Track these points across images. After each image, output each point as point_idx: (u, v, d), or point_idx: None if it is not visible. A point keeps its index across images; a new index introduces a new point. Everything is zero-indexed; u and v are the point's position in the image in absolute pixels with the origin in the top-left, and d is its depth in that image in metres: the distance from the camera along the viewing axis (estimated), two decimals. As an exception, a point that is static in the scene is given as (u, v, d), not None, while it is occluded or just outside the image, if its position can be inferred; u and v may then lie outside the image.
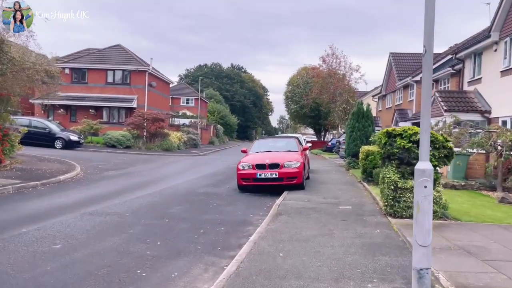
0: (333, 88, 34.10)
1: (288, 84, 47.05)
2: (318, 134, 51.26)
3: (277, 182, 11.86)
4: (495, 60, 16.76)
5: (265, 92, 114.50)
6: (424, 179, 4.08)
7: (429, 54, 4.10)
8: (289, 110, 47.51)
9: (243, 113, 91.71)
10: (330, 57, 35.05)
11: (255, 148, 13.95)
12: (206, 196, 11.21)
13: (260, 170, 11.88)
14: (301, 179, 12.03)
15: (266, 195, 11.88)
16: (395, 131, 8.27)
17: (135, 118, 30.40)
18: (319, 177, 15.98)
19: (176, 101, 64.44)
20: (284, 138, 15.90)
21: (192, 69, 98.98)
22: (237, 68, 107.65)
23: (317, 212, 8.89)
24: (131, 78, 34.79)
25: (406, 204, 7.98)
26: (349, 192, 11.95)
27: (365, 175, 13.87)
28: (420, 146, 4.24)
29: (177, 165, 21.20)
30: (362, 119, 19.10)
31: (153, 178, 15.12)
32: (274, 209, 9.16)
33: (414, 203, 4.20)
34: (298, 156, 12.67)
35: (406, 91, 31.69)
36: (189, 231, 7.32)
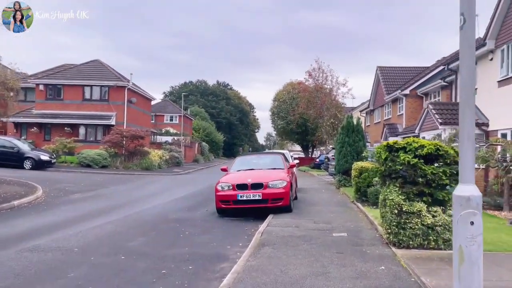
0: (320, 103, 33.07)
1: (274, 100, 45.94)
2: (305, 150, 50.05)
3: (260, 204, 10.44)
4: (491, 70, 15.82)
5: (251, 109, 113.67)
6: (470, 212, 2.74)
7: (470, 27, 2.81)
8: (275, 126, 46.32)
9: (229, 130, 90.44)
10: (317, 72, 34.16)
11: (237, 165, 12.54)
12: (178, 223, 9.70)
13: (242, 191, 10.46)
14: (288, 201, 10.63)
15: (248, 219, 10.43)
16: (397, 144, 6.97)
17: (113, 136, 28.76)
18: (308, 197, 14.59)
19: (159, 119, 62.90)
20: (268, 155, 14.52)
21: (177, 86, 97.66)
22: (223, 85, 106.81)
23: (307, 241, 7.47)
24: (109, 94, 33.27)
25: (413, 232, 6.63)
26: (342, 215, 10.58)
27: (358, 194, 12.54)
28: (460, 160, 2.92)
29: (154, 185, 19.61)
30: (352, 133, 17.90)
31: (122, 201, 13.54)
32: (257, 239, 7.71)
33: (454, 248, 2.85)
34: (284, 174, 11.30)
35: (395, 105, 30.82)
36: (147, 272, 5.82)
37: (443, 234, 6.60)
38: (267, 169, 11.98)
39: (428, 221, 6.59)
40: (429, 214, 6.65)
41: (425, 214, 6.62)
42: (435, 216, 6.65)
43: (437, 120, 16.59)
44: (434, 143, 6.74)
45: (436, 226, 6.61)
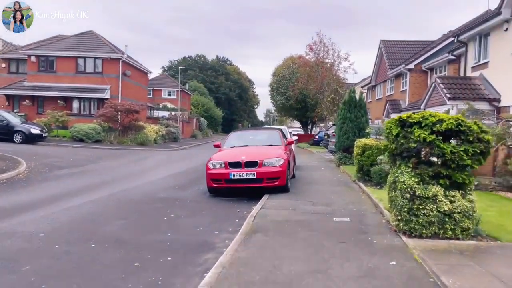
0: (320, 78, 31.87)
1: (274, 75, 44.59)
2: (304, 127, 49.05)
3: (255, 184, 9.59)
4: (505, 41, 14.69)
5: (251, 85, 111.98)
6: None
7: None
8: (274, 102, 45.13)
9: (228, 106, 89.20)
10: (318, 45, 32.77)
11: (230, 142, 11.62)
12: (165, 203, 8.86)
13: (235, 169, 9.58)
14: (284, 180, 9.77)
15: (241, 200, 9.61)
16: (411, 118, 6.03)
17: (106, 110, 27.73)
18: (307, 175, 13.76)
19: (157, 93, 61.62)
20: (265, 130, 13.56)
21: (175, 61, 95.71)
22: (222, 60, 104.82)
23: (305, 227, 6.64)
24: (103, 67, 31.99)
25: (428, 219, 5.78)
26: (344, 195, 9.74)
27: (361, 173, 11.68)
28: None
29: (147, 161, 18.76)
30: (354, 108, 16.92)
31: (110, 178, 12.69)
32: (248, 223, 6.88)
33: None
34: (281, 151, 10.40)
35: (398, 81, 29.67)
36: (117, 265, 4.99)
37: (461, 222, 5.75)
38: (263, 145, 11.08)
39: (445, 208, 5.73)
40: (446, 200, 5.78)
41: (441, 199, 5.76)
42: (453, 202, 5.78)
43: (445, 95, 15.56)
44: (455, 117, 5.80)
45: (454, 213, 5.75)
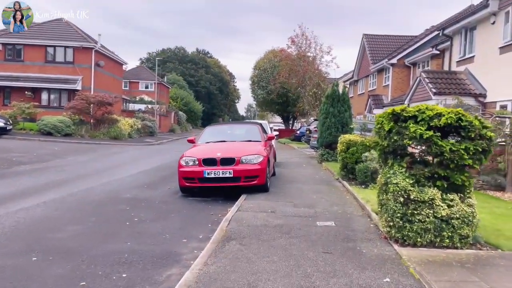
0: (302, 72, 31.19)
1: (255, 68, 43.69)
2: (286, 122, 48.45)
3: (231, 183, 8.79)
4: (492, 35, 14.29)
5: (232, 79, 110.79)
6: None
7: None
8: (255, 96, 44.29)
9: (208, 99, 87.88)
10: (300, 38, 32.01)
11: (206, 137, 10.76)
12: (130, 205, 7.97)
13: (209, 167, 8.75)
14: (264, 179, 9.01)
15: (216, 200, 8.81)
16: (406, 111, 5.34)
17: (77, 102, 26.36)
18: (288, 173, 13.04)
19: (134, 86, 59.93)
20: (243, 125, 12.73)
21: (154, 53, 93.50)
22: (202, 53, 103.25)
23: (285, 234, 5.89)
24: (75, 56, 30.53)
25: (423, 226, 5.11)
26: (327, 196, 9.04)
27: (345, 171, 11.01)
28: None
29: (118, 156, 17.71)
30: (337, 103, 16.27)
31: (74, 175, 11.67)
32: (222, 229, 6.09)
33: None
34: (260, 148, 9.62)
35: (381, 76, 29.31)
36: (59, 284, 4.13)
37: (460, 229, 5.11)
38: (241, 141, 10.27)
39: (442, 213, 5.07)
40: (443, 204, 5.12)
41: (438, 204, 5.09)
42: (452, 206, 5.13)
43: (430, 89, 15.10)
44: (455, 111, 5.13)
45: (452, 219, 5.10)
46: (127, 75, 63.49)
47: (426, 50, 23.15)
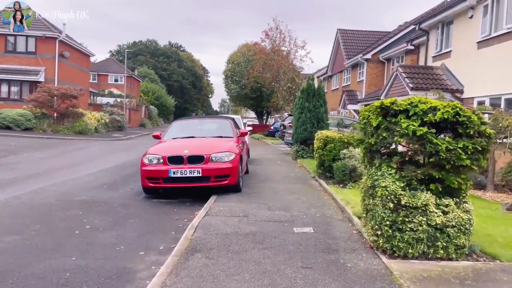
0: (276, 66, 30.56)
1: (228, 62, 42.75)
2: (260, 117, 47.77)
3: (200, 183, 7.99)
4: (470, 29, 14.00)
5: (205, 73, 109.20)
6: None
7: None
8: (229, 91, 43.38)
9: (181, 94, 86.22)
10: (274, 32, 31.35)
11: (173, 132, 9.89)
12: (84, 209, 7.06)
13: (175, 165, 7.92)
14: (235, 179, 8.26)
15: (183, 202, 8.00)
16: (396, 105, 4.70)
17: (39, 94, 24.78)
18: (261, 170, 12.34)
19: (103, 79, 57.80)
20: (214, 120, 11.88)
21: (124, 45, 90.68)
22: (175, 46, 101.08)
23: (258, 243, 5.17)
24: (37, 46, 28.73)
25: (415, 235, 4.50)
26: (304, 196, 8.38)
27: (322, 169, 10.40)
28: None
29: (80, 152, 16.53)
30: (313, 98, 15.68)
31: (26, 173, 10.56)
32: (186, 238, 5.31)
33: None
34: (232, 144, 8.85)
35: (355, 71, 29.04)
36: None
37: (456, 238, 4.53)
38: (211, 137, 9.46)
39: (437, 220, 4.48)
40: (437, 210, 4.53)
41: (432, 210, 4.49)
42: (447, 213, 4.54)
43: (407, 84, 14.71)
44: (452, 105, 4.53)
45: (447, 227, 4.51)
46: (95, 67, 61.28)
47: (400, 46, 22.93)
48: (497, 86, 12.23)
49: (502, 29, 12.23)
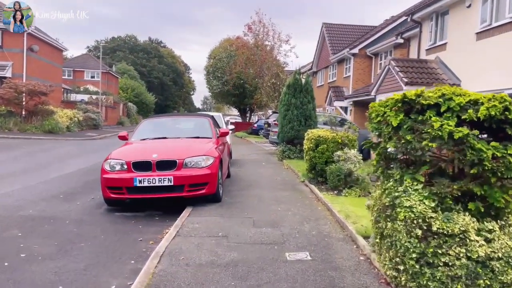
0: (260, 61, 29.36)
1: (210, 57, 41.28)
2: (243, 115, 46.41)
3: (172, 193, 6.72)
4: (467, 20, 13.06)
5: (187, 70, 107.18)
6: None
7: None
8: (210, 87, 41.92)
9: (161, 91, 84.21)
10: (257, 25, 30.17)
11: (142, 132, 8.55)
12: (26, 229, 5.71)
13: (142, 172, 6.63)
14: (214, 187, 7.02)
15: (152, 216, 6.73)
16: (423, 97, 3.55)
17: (4, 91, 22.97)
18: (245, 174, 11.14)
19: (79, 75, 55.49)
20: (191, 118, 10.49)
21: (102, 41, 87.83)
22: (155, 42, 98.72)
23: (241, 280, 3.96)
24: (3, 39, 26.70)
25: (451, 272, 3.36)
26: (295, 206, 7.20)
27: (313, 173, 9.23)
28: None
29: (45, 154, 14.99)
30: (300, 93, 14.53)
31: (-29, 181, 9.08)
32: (147, 273, 4.06)
33: None
34: (211, 146, 7.60)
35: (341, 66, 28.05)
36: None
37: (502, 274, 3.41)
38: (187, 138, 8.18)
39: (479, 251, 3.35)
40: (479, 237, 3.40)
41: (473, 238, 3.36)
42: (491, 241, 3.42)
43: (401, 79, 13.70)
44: (498, 98, 3.40)
45: (491, 260, 3.39)
46: (71, 63, 58.95)
47: (389, 40, 22.01)
48: (499, 80, 11.30)
49: (504, 18, 11.29)
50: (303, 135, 14.13)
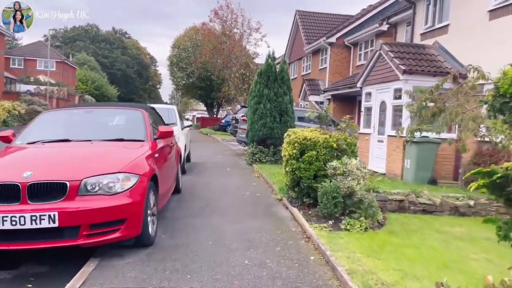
0: (227, 50, 26.47)
1: (173, 47, 37.92)
2: (210, 109, 43.33)
3: (57, 241, 3.83)
4: (477, -4, 10.75)
5: (154, 63, 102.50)
6: None
7: None
8: (174, 79, 38.63)
9: (125, 83, 79.67)
10: (225, 11, 27.23)
11: (34, 131, 5.44)
12: None
13: (2, 204, 3.73)
14: (138, 226, 4.19)
15: (24, 278, 3.83)
16: None
17: None
18: (202, 186, 8.34)
19: (31, 64, 50.62)
20: (117, 110, 6.72)
21: (61, 29, 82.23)
22: (119, 33, 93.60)
23: None
24: None
25: None
26: (272, 254, 4.47)
27: (296, 191, 6.46)
28: None
29: None
30: (274, 83, 11.84)
31: None
32: None
33: None
34: (137, 156, 4.68)
35: (316, 57, 25.59)
36: None
37: None
38: (103, 140, 5.24)
39: None
40: None
41: None
42: None
43: (397, 67, 11.21)
44: None
45: None
46: (21, 51, 54.01)
47: (371, 27, 19.68)
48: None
49: (531, -11, 8.99)
50: (277, 134, 11.49)
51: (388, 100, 11.83)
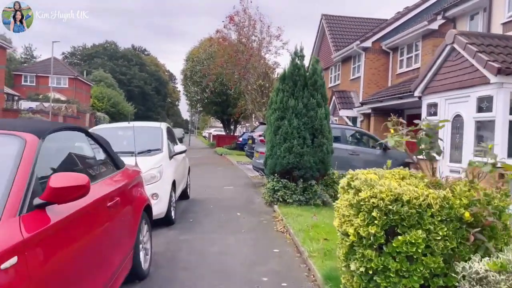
0: (244, 60, 23.28)
1: (187, 60, 35.15)
2: (227, 127, 40.13)
3: None
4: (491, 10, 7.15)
5: (172, 80, 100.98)
6: None
7: None
8: (188, 94, 35.76)
9: (143, 100, 77.92)
10: (242, 16, 24.17)
11: None
12: None
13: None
14: None
15: None
16: None
17: None
18: (192, 254, 4.95)
19: (43, 81, 48.87)
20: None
21: (80, 47, 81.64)
22: (138, 50, 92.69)
23: None
24: None
25: None
26: None
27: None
28: None
29: None
30: (303, 91, 8.44)
31: None
32: None
33: None
34: None
35: (347, 66, 22.13)
36: None
37: None
38: None
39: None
40: None
41: None
42: None
43: (486, 64, 7.64)
44: None
45: None
46: (34, 68, 52.59)
47: (417, 26, 16.24)
48: None
49: None
50: (308, 163, 8.05)
51: (467, 113, 8.25)
